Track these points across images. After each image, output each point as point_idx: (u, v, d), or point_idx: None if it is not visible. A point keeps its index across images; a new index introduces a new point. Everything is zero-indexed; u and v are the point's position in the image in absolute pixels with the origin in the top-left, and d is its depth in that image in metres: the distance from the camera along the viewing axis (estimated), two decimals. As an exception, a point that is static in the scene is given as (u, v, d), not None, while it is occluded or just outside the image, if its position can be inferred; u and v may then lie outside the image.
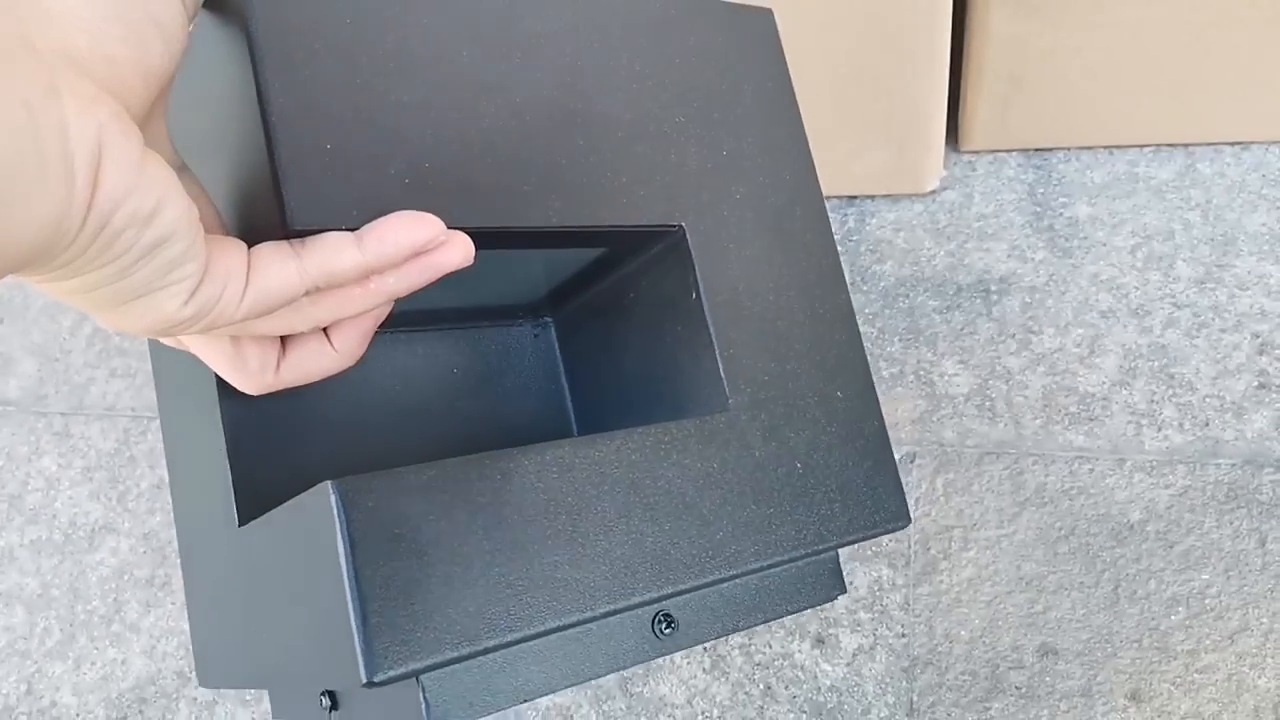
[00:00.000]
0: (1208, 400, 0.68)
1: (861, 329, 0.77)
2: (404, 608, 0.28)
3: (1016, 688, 0.61)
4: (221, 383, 0.36)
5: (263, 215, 0.30)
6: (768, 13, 0.44)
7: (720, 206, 0.39)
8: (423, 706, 0.30)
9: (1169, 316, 0.72)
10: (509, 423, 0.45)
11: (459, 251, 0.30)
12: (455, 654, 0.28)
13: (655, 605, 0.35)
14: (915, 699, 0.62)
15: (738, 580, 0.36)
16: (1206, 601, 0.61)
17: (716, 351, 0.37)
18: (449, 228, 0.30)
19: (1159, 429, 0.68)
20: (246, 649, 0.36)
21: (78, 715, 0.74)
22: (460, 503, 0.30)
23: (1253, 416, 0.67)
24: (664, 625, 0.36)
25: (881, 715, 0.61)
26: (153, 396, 0.87)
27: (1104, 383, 0.70)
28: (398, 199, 0.31)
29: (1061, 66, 0.76)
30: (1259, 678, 0.59)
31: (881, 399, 0.74)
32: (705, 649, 0.66)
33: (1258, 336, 0.70)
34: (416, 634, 0.28)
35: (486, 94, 0.34)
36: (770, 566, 0.36)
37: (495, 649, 0.29)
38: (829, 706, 0.62)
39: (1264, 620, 0.60)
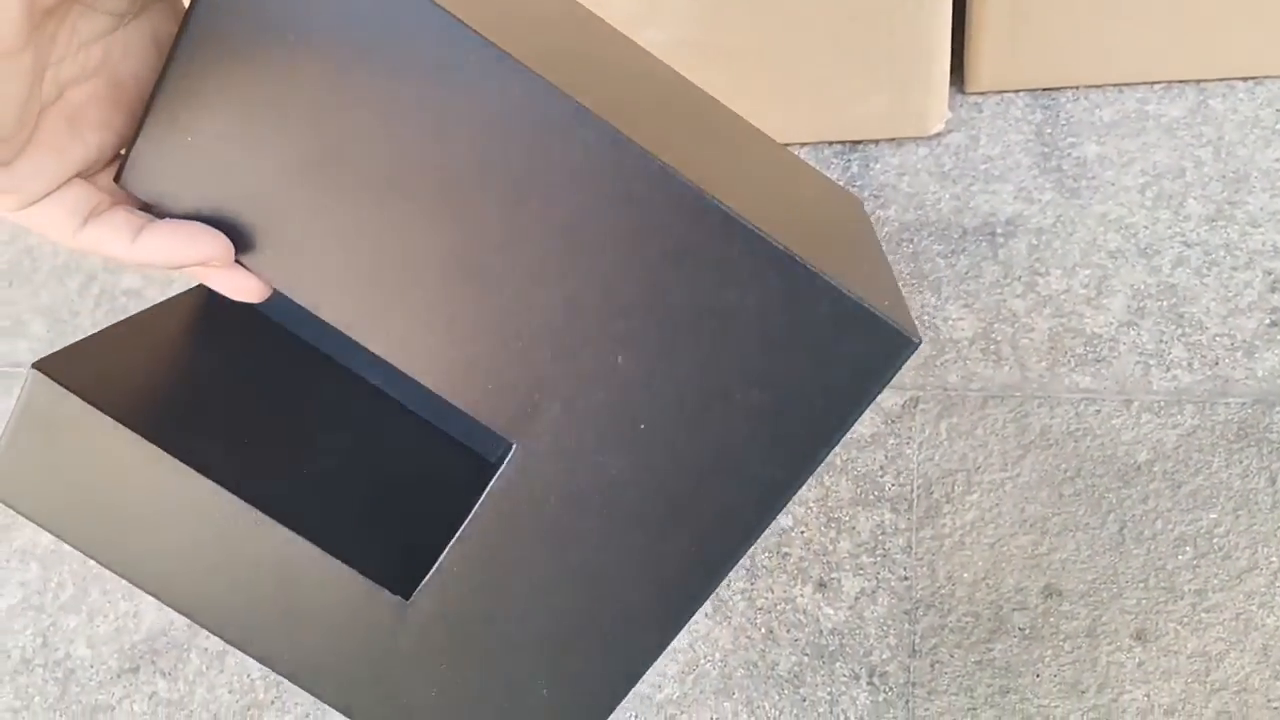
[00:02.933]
0: (1218, 339, 0.67)
1: (865, 275, 0.76)
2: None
3: (1020, 629, 0.60)
4: None
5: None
6: (905, 342, 0.29)
7: (592, 452, 0.30)
8: None
9: (1179, 255, 0.71)
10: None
11: (239, 289, 0.31)
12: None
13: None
14: (917, 641, 0.61)
15: None
16: (1214, 541, 0.60)
17: (450, 544, 0.32)
18: (247, 264, 0.30)
19: (1167, 369, 0.67)
20: None
21: (92, 666, 0.75)
22: (137, 484, 0.32)
23: (1264, 355, 0.66)
24: None
25: (883, 657, 0.61)
26: (160, 356, 0.88)
27: (1111, 324, 0.69)
28: (226, 224, 0.30)
29: (1068, 4, 0.74)
30: (1267, 616, 0.58)
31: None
32: (707, 594, 0.66)
33: (1270, 274, 0.68)
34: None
35: (394, 192, 0.28)
36: None
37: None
38: (830, 649, 0.62)
39: (1273, 559, 0.59)
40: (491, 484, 0.31)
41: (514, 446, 0.30)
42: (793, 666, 0.62)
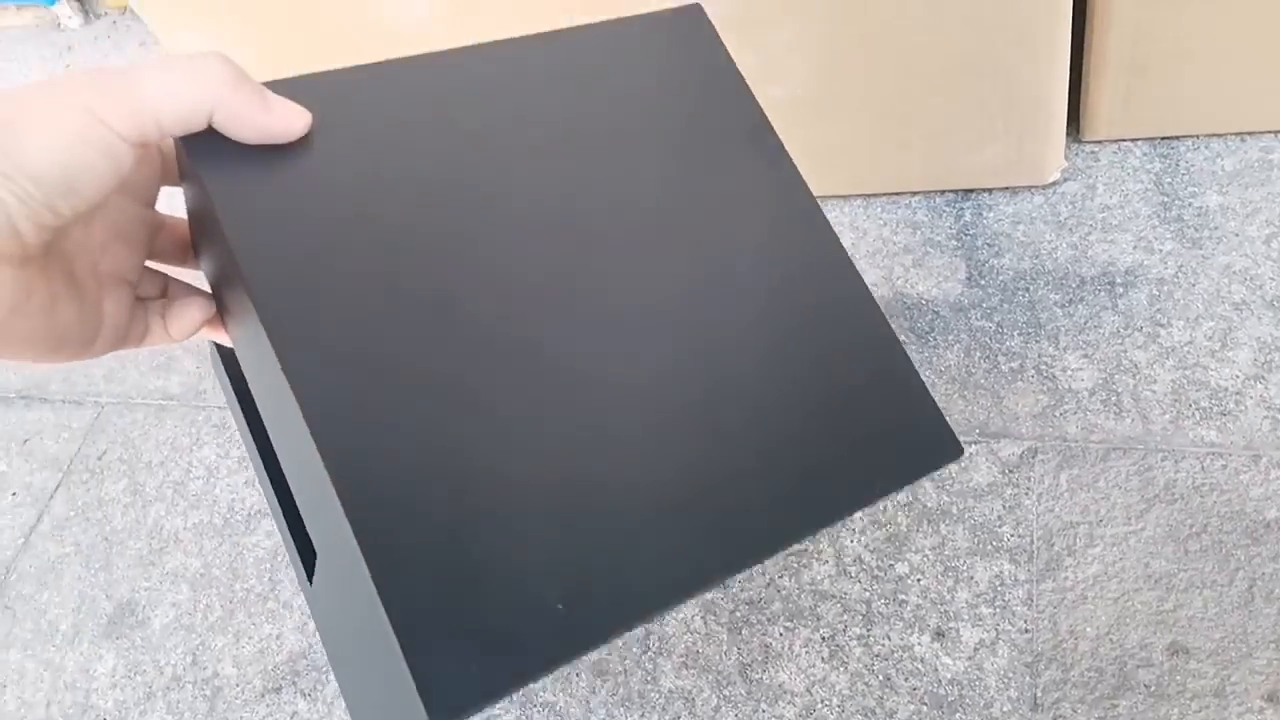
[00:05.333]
0: (1352, 395, 0.66)
1: (979, 324, 0.77)
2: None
3: (1145, 686, 0.60)
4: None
5: None
6: None
7: None
8: None
9: (1309, 308, 0.70)
10: None
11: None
12: None
13: None
14: (1039, 694, 0.62)
15: None
16: (1350, 602, 0.59)
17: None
18: None
19: (1298, 424, 0.66)
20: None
21: (237, 685, 0.80)
22: None
23: (1402, 412, 0.64)
24: None
25: (1004, 710, 0.62)
26: (297, 392, 0.93)
27: (1237, 377, 0.69)
28: None
29: (1188, 52, 0.74)
30: None
31: (1001, 393, 0.74)
32: (824, 639, 0.67)
33: None
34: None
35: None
36: None
37: None
38: (950, 699, 0.63)
39: None
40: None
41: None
42: (911, 715, 0.63)
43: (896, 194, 0.86)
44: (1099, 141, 0.82)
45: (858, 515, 0.71)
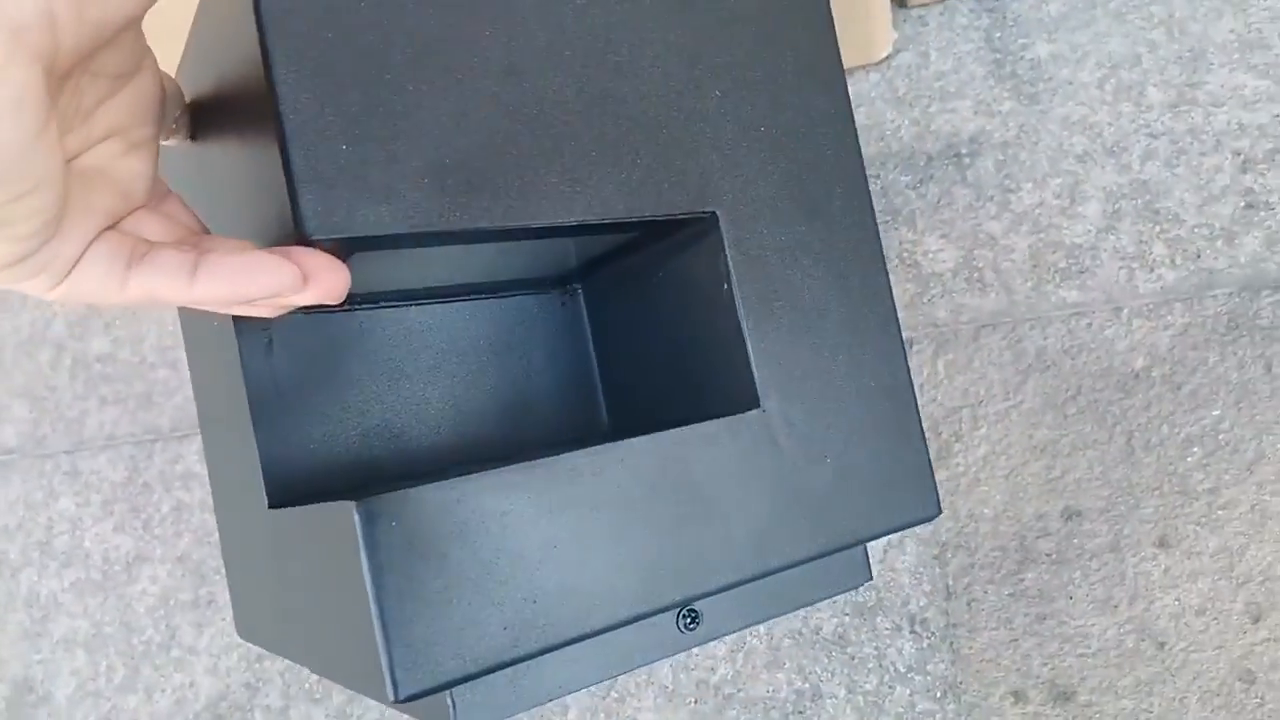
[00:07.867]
0: (1196, 231, 0.67)
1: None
2: (429, 625, 0.29)
3: (1046, 555, 0.62)
4: (244, 353, 0.38)
5: (277, 220, 0.29)
6: None
7: (756, 189, 0.37)
8: (451, 711, 0.32)
9: (1146, 149, 0.70)
10: (537, 395, 0.45)
11: (318, 293, 0.29)
12: (480, 669, 0.29)
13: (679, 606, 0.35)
14: (950, 583, 0.63)
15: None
16: (1220, 437, 0.62)
17: (749, 349, 0.36)
18: (464, 227, 0.30)
19: (1151, 270, 0.67)
20: (283, 626, 0.38)
21: (161, 741, 0.77)
22: (485, 518, 0.31)
23: (1243, 240, 0.66)
24: (688, 621, 0.37)
25: (920, 604, 0.63)
26: (151, 419, 0.87)
27: (1090, 231, 0.69)
28: (416, 201, 0.30)
29: (1000, -103, 0.71)
30: None
31: (870, 291, 0.73)
32: (741, 571, 0.68)
33: (1239, 154, 0.68)
34: (442, 651, 0.29)
35: (508, 78, 0.32)
36: (796, 564, 0.36)
37: (521, 660, 0.30)
38: (869, 605, 0.64)
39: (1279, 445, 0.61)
40: (729, 259, 0.36)
41: (715, 216, 0.36)
42: (836, 628, 0.64)
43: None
44: (924, 4, 0.79)
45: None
